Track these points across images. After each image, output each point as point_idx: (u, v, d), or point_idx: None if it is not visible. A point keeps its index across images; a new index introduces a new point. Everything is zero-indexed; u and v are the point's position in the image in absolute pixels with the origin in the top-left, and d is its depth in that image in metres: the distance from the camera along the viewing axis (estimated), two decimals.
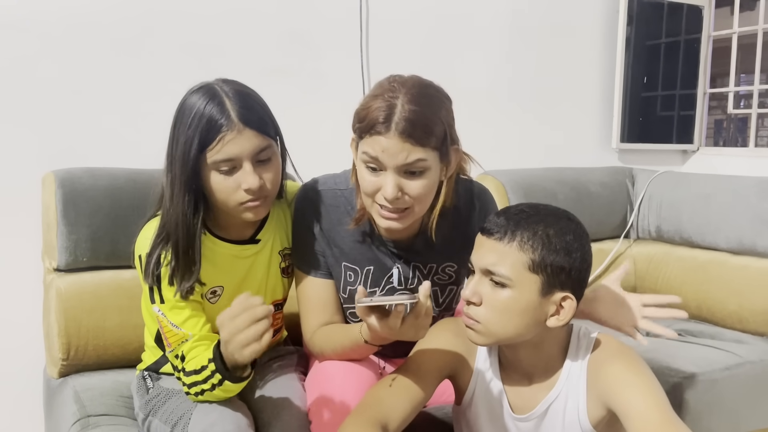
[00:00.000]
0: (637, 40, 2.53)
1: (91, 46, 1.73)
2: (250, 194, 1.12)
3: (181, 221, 1.12)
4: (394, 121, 1.05)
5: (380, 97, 1.07)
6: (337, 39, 2.04)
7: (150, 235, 1.16)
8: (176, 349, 1.15)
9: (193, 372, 1.10)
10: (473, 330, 1.04)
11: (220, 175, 1.12)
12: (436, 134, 1.08)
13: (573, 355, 1.08)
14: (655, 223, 2.29)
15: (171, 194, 1.13)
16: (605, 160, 2.55)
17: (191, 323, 1.15)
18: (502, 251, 1.00)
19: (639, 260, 2.30)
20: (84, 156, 1.69)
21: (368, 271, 1.26)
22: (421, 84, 1.10)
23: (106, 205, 1.51)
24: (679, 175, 2.35)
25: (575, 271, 1.01)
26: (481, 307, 1.02)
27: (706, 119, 2.73)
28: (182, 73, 1.83)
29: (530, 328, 1.02)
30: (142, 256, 1.16)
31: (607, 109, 2.55)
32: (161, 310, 1.15)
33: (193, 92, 1.14)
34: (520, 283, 1.00)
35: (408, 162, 1.07)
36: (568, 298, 1.01)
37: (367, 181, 1.11)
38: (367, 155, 1.09)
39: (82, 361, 1.50)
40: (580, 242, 1.02)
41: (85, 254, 1.51)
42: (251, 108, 1.12)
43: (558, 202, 2.10)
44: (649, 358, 1.11)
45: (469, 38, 2.27)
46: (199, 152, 1.09)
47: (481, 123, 2.26)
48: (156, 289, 1.15)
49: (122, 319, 1.51)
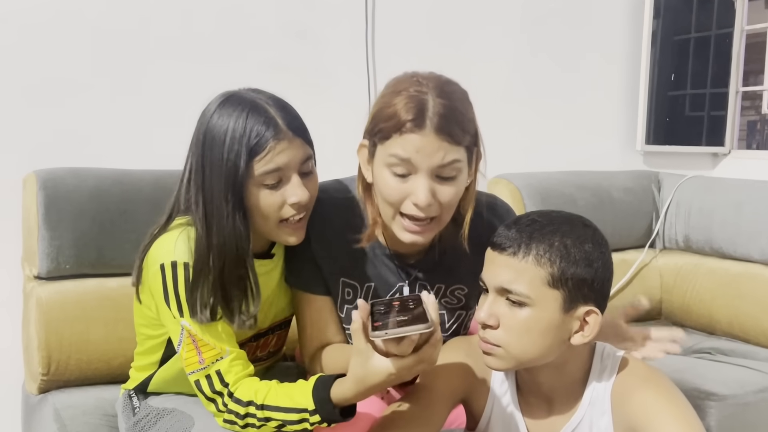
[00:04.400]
0: (664, 34, 2.52)
1: (76, 37, 1.73)
2: (295, 209, 1.11)
3: (233, 244, 1.09)
4: (428, 116, 1.01)
5: (404, 93, 1.04)
6: (341, 33, 2.05)
7: (172, 242, 1.11)
8: (209, 367, 1.10)
9: (276, 408, 1.05)
10: (492, 355, 1.02)
11: (265, 190, 1.10)
12: (469, 131, 1.06)
13: (596, 378, 1.07)
14: (683, 232, 2.28)
15: (206, 209, 1.10)
16: (629, 163, 2.54)
17: (226, 339, 1.11)
18: (518, 267, 0.99)
19: (665, 272, 2.29)
20: (68, 155, 1.69)
21: (368, 288, 1.23)
22: (443, 79, 1.08)
23: (91, 208, 1.52)
24: (709, 180, 2.35)
25: (598, 281, 1.00)
26: (498, 329, 1.00)
27: (739, 120, 2.72)
28: (175, 68, 1.84)
29: (553, 348, 1.01)
30: (166, 265, 1.10)
31: (631, 109, 2.55)
32: (191, 324, 1.10)
33: (223, 103, 1.11)
34: (540, 301, 0.98)
35: (444, 163, 1.03)
36: (592, 312, 1.00)
37: (392, 189, 1.06)
38: (397, 157, 1.04)
39: (64, 377, 1.50)
40: (600, 250, 1.01)
41: (68, 261, 1.51)
42: (296, 116, 1.13)
43: (578, 208, 2.10)
44: (676, 378, 1.10)
45: (483, 32, 2.27)
46: (247, 163, 1.07)
47: (495, 122, 2.24)
48: (185, 299, 1.09)
49: (107, 331, 1.51)
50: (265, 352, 1.32)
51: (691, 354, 1.98)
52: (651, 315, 2.28)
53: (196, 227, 1.11)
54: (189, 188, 1.14)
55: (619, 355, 1.09)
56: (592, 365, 1.08)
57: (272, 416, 1.06)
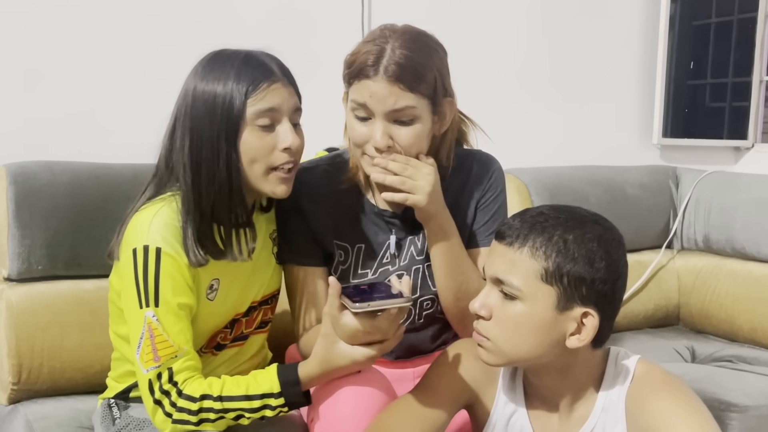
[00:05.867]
0: (682, 19, 2.52)
1: (48, 14, 1.72)
2: (287, 155, 1.18)
3: (223, 181, 1.15)
4: (383, 64, 1.16)
5: (370, 43, 1.19)
6: (334, 15, 2.04)
7: (147, 223, 1.15)
8: (163, 365, 1.13)
9: (235, 398, 1.13)
10: (483, 348, 1.05)
11: (257, 131, 1.16)
12: (427, 80, 1.19)
13: (609, 384, 1.07)
14: (703, 232, 2.28)
15: (198, 164, 1.16)
16: (645, 157, 2.54)
17: (185, 337, 1.15)
18: (513, 258, 1.01)
19: (684, 275, 2.29)
20: (41, 148, 1.68)
21: (359, 250, 1.33)
22: (414, 31, 1.22)
23: (65, 204, 1.51)
24: (730, 175, 2.35)
25: (599, 282, 1.00)
26: (490, 321, 1.03)
27: (762, 111, 2.72)
28: (154, 53, 1.83)
29: (547, 349, 1.02)
30: (138, 249, 1.14)
31: (647, 99, 2.55)
32: (156, 315, 1.14)
33: (214, 57, 1.21)
34: (533, 296, 1.00)
35: (397, 108, 1.17)
36: (589, 314, 1.01)
37: (356, 131, 1.21)
38: (355, 102, 1.20)
39: (36, 386, 1.49)
40: (606, 250, 1.01)
41: (40, 261, 1.50)
42: (288, 69, 1.23)
43: (589, 205, 2.06)
44: (695, 388, 1.10)
45: (489, 18, 2.27)
46: (243, 102, 1.15)
47: (500, 114, 2.25)
48: (153, 288, 1.13)
49: (82, 337, 1.50)
50: (251, 328, 1.35)
51: (711, 362, 1.98)
52: (668, 321, 2.29)
53: (181, 178, 1.17)
54: (173, 139, 1.19)
55: (634, 360, 1.09)
56: (605, 371, 1.08)
57: (231, 406, 1.13)
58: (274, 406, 1.13)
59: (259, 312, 1.34)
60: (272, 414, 1.14)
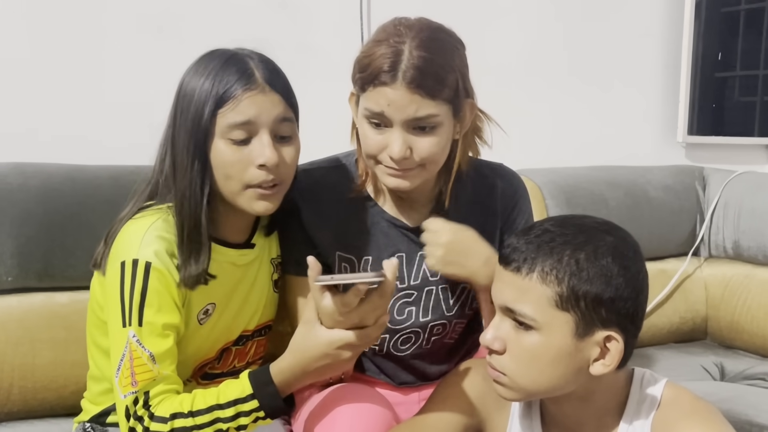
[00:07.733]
0: (709, 5, 2.52)
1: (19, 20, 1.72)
2: (264, 173, 1.15)
3: (188, 194, 1.15)
4: (401, 69, 1.13)
5: (384, 43, 1.15)
6: (331, 5, 2.04)
7: (139, 235, 1.15)
8: (140, 390, 1.13)
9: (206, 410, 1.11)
10: (500, 383, 1.04)
11: (231, 146, 1.14)
12: (449, 84, 1.16)
13: (633, 411, 1.06)
14: (732, 238, 2.28)
15: (174, 168, 1.16)
16: (668, 157, 2.54)
17: (168, 362, 1.15)
18: (521, 285, 1.00)
19: (712, 284, 2.28)
20: (11, 148, 1.68)
21: (366, 263, 1.31)
22: (430, 27, 1.18)
23: (38, 210, 1.51)
24: (762, 176, 2.34)
25: (619, 301, 0.99)
26: (504, 355, 1.02)
27: None
28: (137, 47, 1.83)
29: (569, 378, 1.01)
30: (127, 263, 1.13)
31: (671, 94, 2.54)
32: (137, 336, 1.13)
33: (204, 56, 1.19)
34: (548, 325, 0.99)
35: (417, 116, 1.15)
36: (612, 338, 1.00)
37: (370, 140, 1.19)
38: (371, 110, 1.16)
39: (6, 408, 1.49)
40: (622, 264, 1.00)
41: (10, 272, 1.50)
42: (278, 73, 1.20)
43: (609, 210, 2.10)
44: (724, 409, 1.10)
45: (499, 3, 2.27)
46: (212, 112, 1.13)
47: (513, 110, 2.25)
48: (138, 305, 1.13)
49: (56, 355, 1.50)
50: (244, 362, 1.34)
51: (742, 380, 1.98)
52: (695, 334, 2.29)
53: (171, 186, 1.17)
54: (164, 147, 1.20)
55: (661, 383, 1.08)
56: (629, 395, 1.08)
57: (204, 420, 1.11)
58: (249, 411, 1.11)
59: (252, 344, 1.34)
60: (248, 420, 1.11)
